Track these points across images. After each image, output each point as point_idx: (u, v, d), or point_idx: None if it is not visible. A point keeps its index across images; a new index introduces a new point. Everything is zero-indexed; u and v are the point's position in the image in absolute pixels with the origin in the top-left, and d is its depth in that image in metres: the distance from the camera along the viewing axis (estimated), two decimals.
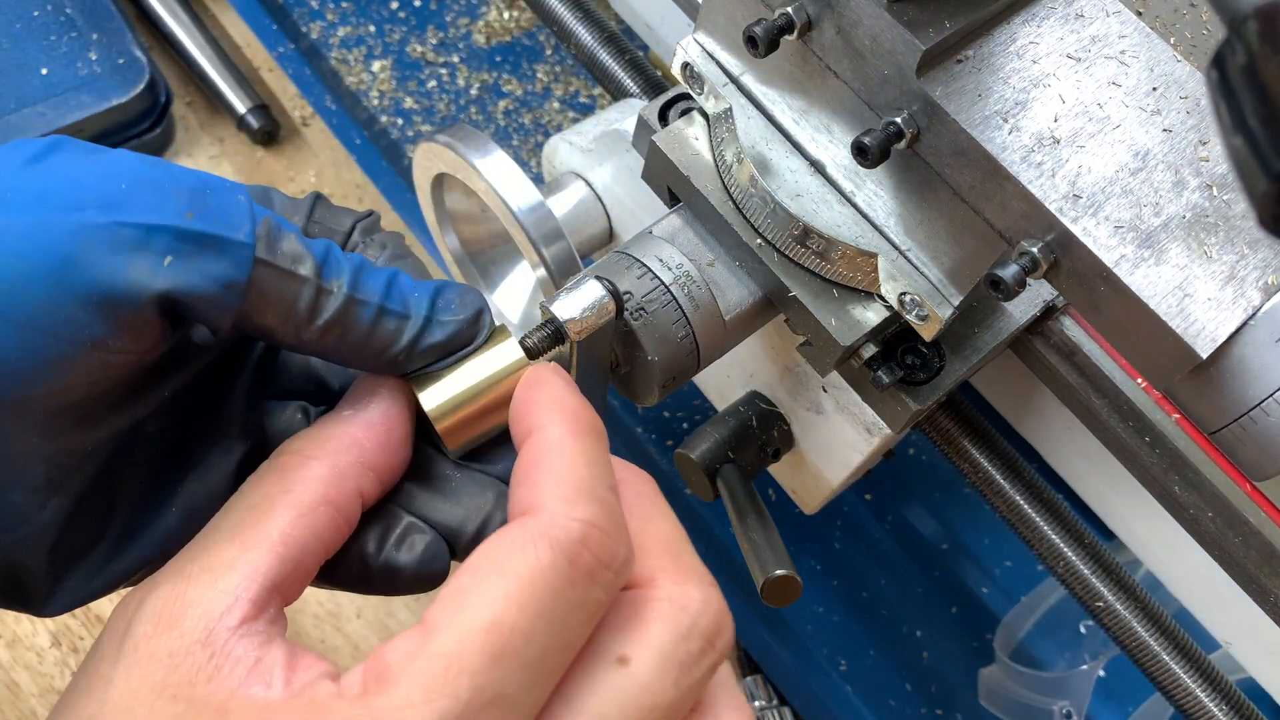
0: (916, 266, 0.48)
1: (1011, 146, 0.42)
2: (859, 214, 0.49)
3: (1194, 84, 0.44)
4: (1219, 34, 0.28)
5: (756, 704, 0.78)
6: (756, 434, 0.63)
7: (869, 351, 0.50)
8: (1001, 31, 0.44)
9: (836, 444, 0.62)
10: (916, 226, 0.47)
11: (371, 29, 0.96)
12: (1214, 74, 0.28)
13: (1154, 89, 0.43)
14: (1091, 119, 0.43)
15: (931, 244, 0.47)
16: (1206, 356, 0.40)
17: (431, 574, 0.42)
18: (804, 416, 0.62)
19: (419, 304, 0.41)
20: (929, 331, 0.48)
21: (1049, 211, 0.41)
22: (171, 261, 0.36)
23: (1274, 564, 0.49)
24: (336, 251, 0.40)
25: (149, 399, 0.40)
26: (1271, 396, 0.42)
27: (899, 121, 0.43)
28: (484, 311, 0.43)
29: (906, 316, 0.49)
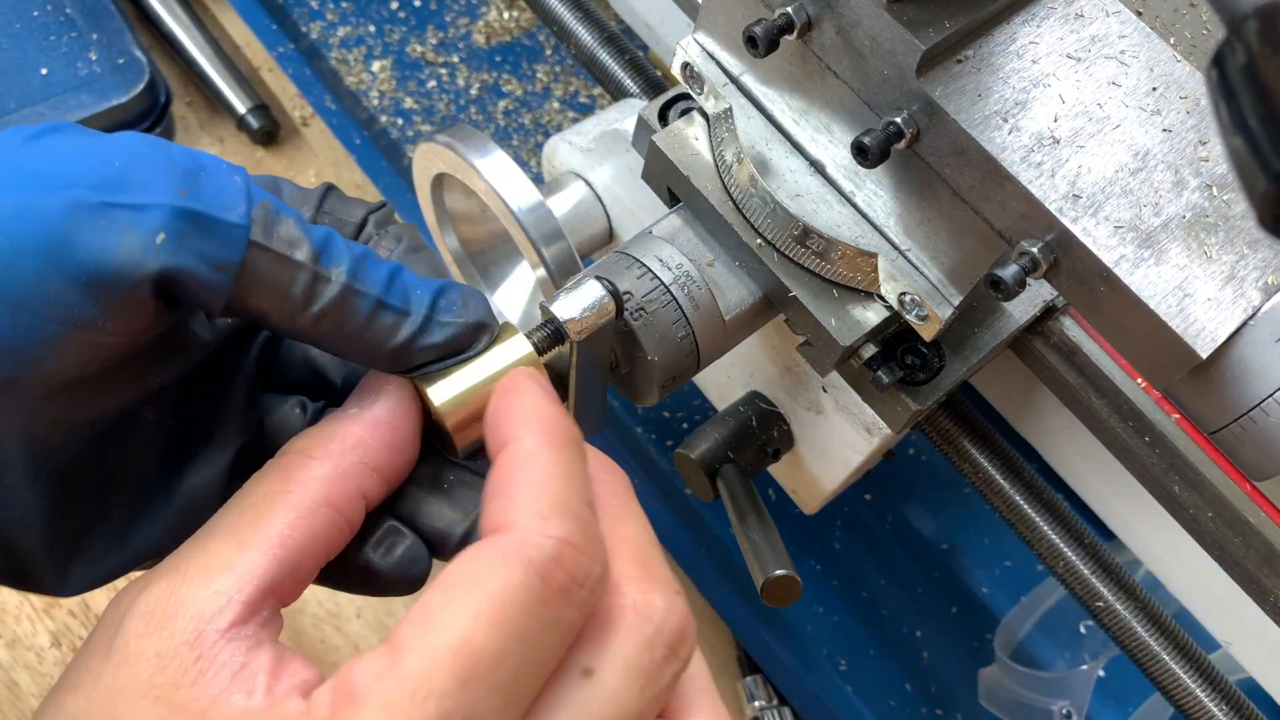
0: (916, 266, 0.48)
1: (1011, 146, 0.42)
2: (859, 214, 0.49)
3: (1194, 84, 0.44)
4: (1219, 34, 0.28)
5: (757, 704, 0.78)
6: (756, 434, 0.63)
7: (869, 351, 0.50)
8: (1001, 31, 0.44)
9: (836, 444, 0.62)
10: (916, 226, 0.47)
11: (371, 29, 0.96)
12: (1214, 74, 0.28)
13: (1154, 89, 0.43)
14: (1091, 119, 0.43)
15: (931, 244, 0.47)
16: (1206, 356, 0.40)
17: (410, 578, 0.42)
18: (804, 416, 0.62)
19: (420, 301, 0.40)
20: (929, 331, 0.48)
21: (1049, 211, 0.41)
22: (164, 240, 0.35)
23: (1274, 564, 0.49)
24: (338, 239, 0.39)
25: (144, 384, 0.40)
26: (1271, 396, 0.42)
27: (899, 121, 0.43)
28: (487, 321, 0.42)
29: (906, 316, 0.49)
